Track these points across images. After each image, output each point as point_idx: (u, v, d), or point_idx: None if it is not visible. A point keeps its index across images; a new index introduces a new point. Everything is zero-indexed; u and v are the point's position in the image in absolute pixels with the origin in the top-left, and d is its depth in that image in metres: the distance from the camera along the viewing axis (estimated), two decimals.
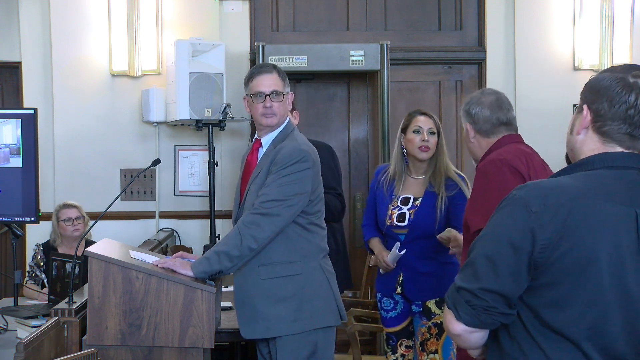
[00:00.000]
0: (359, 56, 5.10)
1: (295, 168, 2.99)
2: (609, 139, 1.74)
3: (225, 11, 5.44)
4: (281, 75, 3.15)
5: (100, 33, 5.32)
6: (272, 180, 2.99)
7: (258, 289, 3.03)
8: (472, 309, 1.69)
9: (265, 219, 2.94)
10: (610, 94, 1.72)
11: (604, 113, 1.73)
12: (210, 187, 5.13)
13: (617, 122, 1.72)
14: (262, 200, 2.97)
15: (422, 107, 3.97)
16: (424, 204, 3.61)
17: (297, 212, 3.00)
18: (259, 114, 3.11)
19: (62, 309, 2.99)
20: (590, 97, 1.76)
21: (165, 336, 2.83)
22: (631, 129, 1.72)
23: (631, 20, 5.35)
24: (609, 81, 1.73)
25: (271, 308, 3.01)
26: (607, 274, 1.64)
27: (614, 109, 1.72)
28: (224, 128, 5.12)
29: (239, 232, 2.94)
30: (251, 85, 3.14)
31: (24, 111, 4.17)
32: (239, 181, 3.24)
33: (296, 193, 2.98)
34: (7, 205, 3.93)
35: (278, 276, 3.02)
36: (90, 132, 5.36)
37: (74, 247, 3.99)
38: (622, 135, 1.73)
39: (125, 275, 2.84)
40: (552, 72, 5.42)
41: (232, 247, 2.93)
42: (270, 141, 3.14)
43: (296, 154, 3.01)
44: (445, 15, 5.64)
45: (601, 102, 1.73)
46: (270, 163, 3.04)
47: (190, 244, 5.35)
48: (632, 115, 1.71)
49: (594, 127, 1.75)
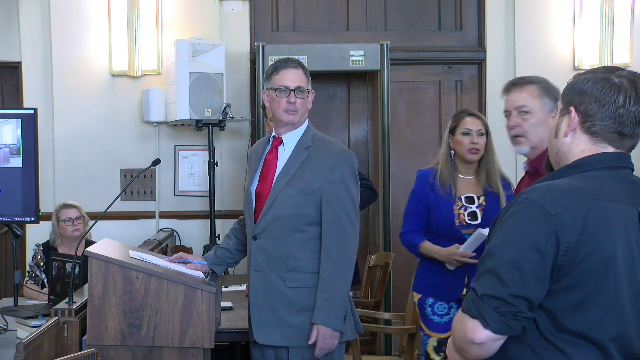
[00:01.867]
0: (359, 56, 5.10)
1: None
2: (600, 139, 1.75)
3: (225, 11, 5.44)
4: (306, 72, 3.04)
5: (100, 33, 5.33)
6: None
7: (282, 296, 2.93)
8: (500, 316, 1.66)
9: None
10: (598, 94, 1.73)
11: (593, 113, 1.74)
12: (210, 187, 5.13)
13: (607, 121, 1.73)
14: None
15: (470, 108, 3.87)
16: (489, 202, 3.54)
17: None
18: (281, 109, 2.97)
19: (62, 309, 2.99)
20: (577, 99, 1.76)
21: (165, 336, 2.83)
22: (620, 127, 1.74)
23: (631, 20, 5.35)
24: (594, 82, 1.74)
25: (293, 317, 2.92)
26: (624, 274, 1.67)
27: (604, 109, 1.73)
28: (224, 128, 5.12)
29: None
30: (275, 79, 3.00)
31: (24, 111, 4.17)
32: (254, 180, 3.06)
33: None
34: (7, 205, 3.93)
35: (305, 286, 2.92)
36: (90, 132, 5.36)
37: (73, 247, 3.98)
38: (612, 134, 1.75)
39: (125, 275, 2.84)
40: (552, 72, 5.40)
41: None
42: (297, 141, 3.01)
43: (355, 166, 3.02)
44: (445, 15, 5.64)
45: (589, 103, 1.74)
46: (314, 168, 2.94)
47: (190, 244, 5.35)
48: (622, 114, 1.73)
49: (583, 127, 1.76)
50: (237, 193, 5.41)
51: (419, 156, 5.61)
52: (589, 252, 1.65)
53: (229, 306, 3.76)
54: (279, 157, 3.02)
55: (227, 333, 3.43)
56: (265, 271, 2.95)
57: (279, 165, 3.00)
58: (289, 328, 2.92)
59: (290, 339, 2.92)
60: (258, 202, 3.01)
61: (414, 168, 5.60)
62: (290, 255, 2.93)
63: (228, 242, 3.19)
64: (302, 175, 2.95)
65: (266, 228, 2.95)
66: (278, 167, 3.00)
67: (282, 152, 3.02)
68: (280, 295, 2.93)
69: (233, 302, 3.85)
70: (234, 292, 4.20)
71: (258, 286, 2.97)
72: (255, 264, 2.98)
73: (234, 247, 3.18)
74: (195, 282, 2.89)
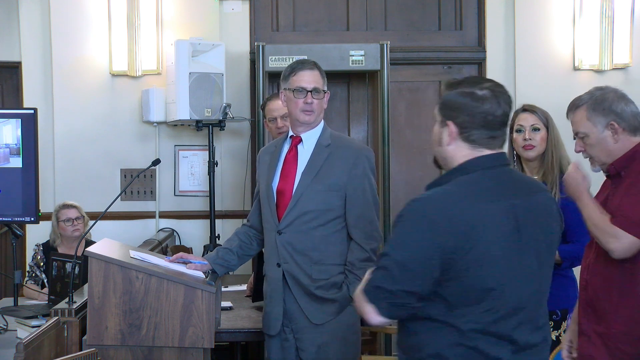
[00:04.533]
0: (359, 56, 5.10)
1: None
2: (476, 144, 2.06)
3: (225, 11, 5.44)
4: (322, 73, 3.16)
5: (100, 33, 5.32)
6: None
7: (306, 289, 3.07)
8: (391, 306, 1.99)
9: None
10: (468, 108, 2.04)
11: (467, 125, 2.04)
12: (210, 187, 5.13)
13: (479, 129, 2.04)
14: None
15: (527, 103, 3.61)
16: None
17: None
18: (298, 110, 3.10)
19: (62, 309, 2.99)
20: (451, 113, 2.07)
21: (165, 336, 2.83)
22: (492, 132, 2.05)
23: (631, 20, 5.35)
24: (462, 97, 2.05)
25: (315, 305, 3.08)
26: (501, 261, 1.97)
27: (476, 119, 2.04)
28: (224, 128, 5.12)
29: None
30: (292, 80, 3.12)
31: (24, 111, 4.17)
32: (274, 177, 3.17)
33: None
34: (7, 205, 3.93)
35: (328, 278, 3.07)
36: (90, 132, 5.36)
37: (73, 247, 3.98)
38: (486, 139, 2.05)
39: (125, 275, 2.84)
40: (552, 72, 5.43)
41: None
42: (316, 140, 3.14)
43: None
44: (445, 15, 5.64)
45: (463, 116, 2.04)
46: (338, 164, 3.10)
47: (190, 244, 5.35)
48: (491, 121, 2.04)
49: (462, 137, 2.06)
50: (237, 193, 5.41)
51: (419, 156, 5.61)
52: (468, 249, 1.93)
53: (229, 306, 3.76)
54: (299, 155, 3.15)
55: (227, 333, 3.44)
56: (290, 264, 3.07)
57: (300, 162, 3.14)
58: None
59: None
60: (281, 199, 3.13)
61: (414, 168, 5.66)
62: (315, 248, 3.07)
63: (231, 245, 3.26)
64: (327, 171, 3.09)
65: (292, 223, 3.08)
66: (300, 164, 3.13)
67: (302, 151, 3.16)
68: (304, 288, 3.07)
69: (233, 302, 3.85)
70: (234, 292, 4.20)
71: (280, 279, 3.10)
72: (281, 257, 3.09)
73: (237, 250, 3.25)
74: (195, 282, 2.89)
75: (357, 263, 3.06)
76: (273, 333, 3.13)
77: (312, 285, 3.06)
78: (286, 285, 3.09)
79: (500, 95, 2.06)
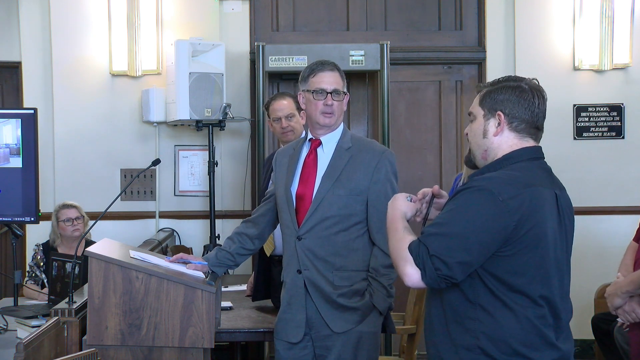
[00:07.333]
0: (359, 56, 5.10)
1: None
2: (524, 135, 2.17)
3: (225, 11, 5.45)
4: (342, 75, 3.05)
5: (100, 33, 5.33)
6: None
7: (327, 296, 2.97)
8: (437, 277, 2.03)
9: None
10: (517, 99, 2.16)
11: (517, 115, 2.16)
12: (210, 187, 5.13)
13: (526, 120, 2.16)
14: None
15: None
16: None
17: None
18: (318, 112, 2.98)
19: (62, 309, 2.99)
20: (499, 105, 2.17)
21: (165, 336, 2.83)
22: (538, 124, 2.18)
23: (631, 20, 5.35)
24: (511, 90, 2.17)
25: (337, 313, 2.99)
26: (551, 247, 2.08)
27: (524, 110, 2.15)
28: (224, 128, 5.12)
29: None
30: (311, 81, 3.01)
31: (24, 111, 4.16)
32: (293, 181, 3.05)
33: None
34: (7, 205, 3.93)
35: (350, 285, 2.97)
36: (90, 132, 5.36)
37: (73, 247, 3.98)
38: (532, 129, 2.17)
39: (125, 275, 2.84)
40: (552, 72, 5.42)
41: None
42: (336, 143, 3.04)
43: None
44: (445, 15, 5.64)
45: (512, 106, 2.16)
46: (359, 169, 2.99)
47: (190, 244, 5.36)
48: (537, 114, 2.17)
49: (510, 127, 2.16)
50: (237, 193, 5.41)
51: (419, 156, 5.62)
52: (527, 230, 2.03)
53: (229, 306, 3.76)
54: (318, 159, 3.04)
55: (227, 333, 3.43)
56: (311, 271, 2.97)
57: (320, 166, 3.03)
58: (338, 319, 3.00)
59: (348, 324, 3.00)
60: (300, 204, 3.02)
61: (414, 168, 5.66)
62: (337, 254, 2.97)
63: (230, 245, 3.19)
64: (348, 175, 2.98)
65: (313, 228, 2.98)
66: (319, 168, 3.03)
67: (322, 154, 3.05)
68: (325, 296, 2.96)
69: (233, 302, 3.85)
70: (234, 292, 4.20)
71: (301, 286, 2.99)
72: (301, 263, 2.99)
73: (236, 251, 3.18)
74: (196, 282, 2.89)
75: (381, 269, 2.96)
76: (295, 341, 3.02)
77: (334, 293, 2.95)
78: (307, 293, 2.98)
79: (542, 91, 2.21)
